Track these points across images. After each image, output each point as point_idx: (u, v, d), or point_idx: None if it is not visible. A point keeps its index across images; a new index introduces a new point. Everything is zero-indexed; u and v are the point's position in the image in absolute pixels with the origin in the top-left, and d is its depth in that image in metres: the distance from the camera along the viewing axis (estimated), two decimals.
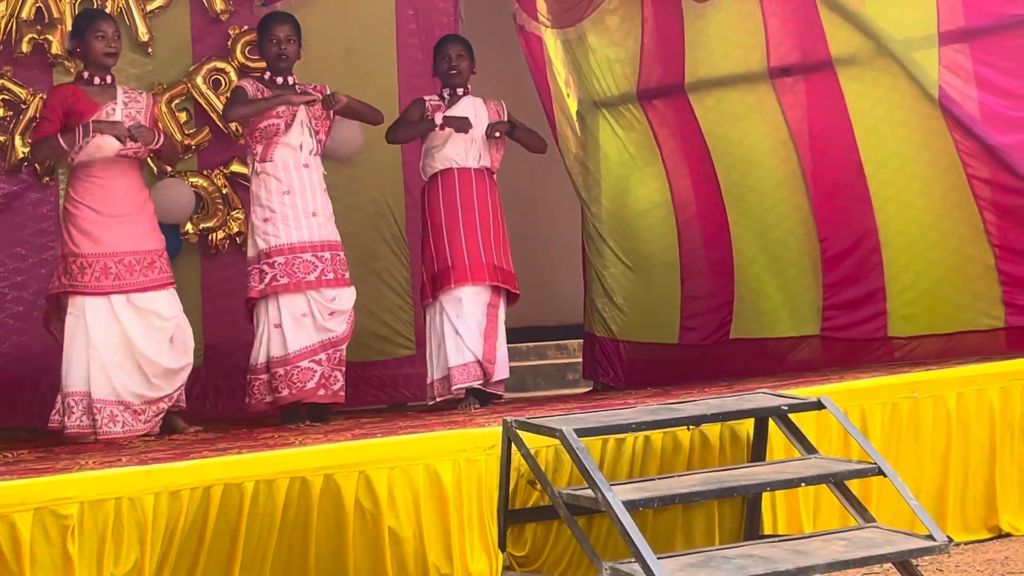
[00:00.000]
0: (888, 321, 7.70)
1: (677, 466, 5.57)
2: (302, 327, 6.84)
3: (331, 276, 6.92)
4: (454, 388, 7.17)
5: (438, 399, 7.23)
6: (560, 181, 9.23)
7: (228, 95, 7.33)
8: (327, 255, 6.93)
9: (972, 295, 7.37)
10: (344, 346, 6.96)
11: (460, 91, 7.45)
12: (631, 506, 4.89)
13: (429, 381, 7.28)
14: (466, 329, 7.19)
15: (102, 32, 6.74)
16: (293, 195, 6.95)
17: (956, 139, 7.22)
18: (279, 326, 6.82)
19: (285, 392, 6.80)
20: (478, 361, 7.19)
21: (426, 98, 7.47)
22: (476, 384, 7.19)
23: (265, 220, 6.92)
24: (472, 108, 7.43)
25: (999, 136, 7.06)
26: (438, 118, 7.27)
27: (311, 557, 4.95)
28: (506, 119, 7.46)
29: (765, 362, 8.09)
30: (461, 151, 7.34)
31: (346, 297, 6.98)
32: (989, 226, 7.23)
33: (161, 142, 6.78)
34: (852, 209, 7.76)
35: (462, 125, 7.28)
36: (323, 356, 6.87)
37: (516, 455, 5.20)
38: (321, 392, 6.86)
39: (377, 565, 5.04)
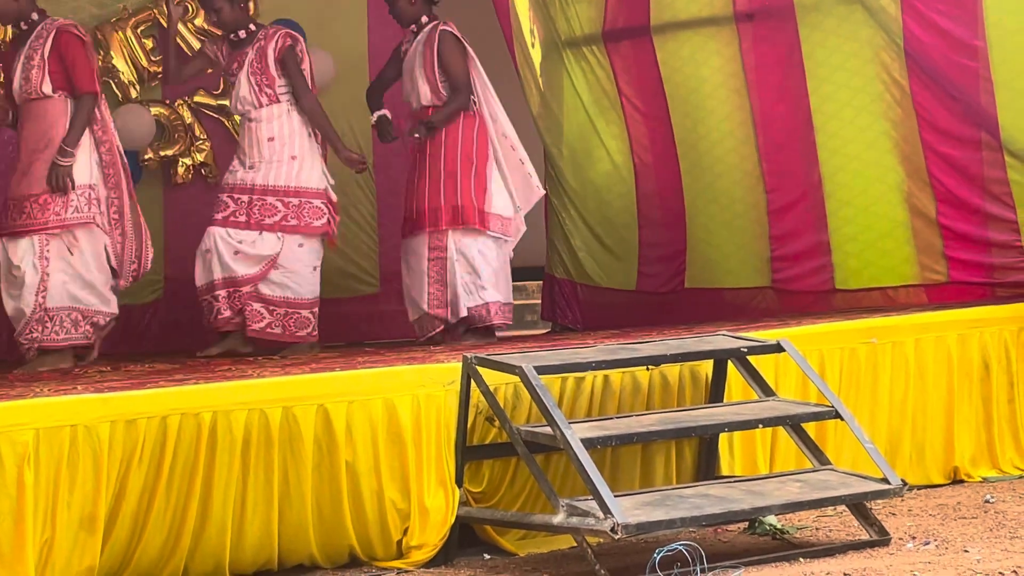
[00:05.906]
0: (834, 273, 7.70)
1: (636, 406, 5.58)
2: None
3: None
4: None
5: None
6: (523, 123, 9.16)
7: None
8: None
9: (916, 249, 7.37)
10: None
11: (414, 27, 7.38)
12: (589, 444, 4.91)
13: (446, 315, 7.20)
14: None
15: None
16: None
17: (914, 89, 7.20)
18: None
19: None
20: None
21: (403, 48, 7.43)
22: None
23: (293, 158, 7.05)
24: (420, 44, 7.34)
25: (961, 85, 7.05)
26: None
27: (274, 490, 4.93)
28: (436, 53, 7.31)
29: (722, 311, 8.08)
30: None
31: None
32: (935, 181, 7.22)
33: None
34: (799, 161, 7.73)
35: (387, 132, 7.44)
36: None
37: (475, 392, 5.20)
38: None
39: (334, 499, 5.04)
